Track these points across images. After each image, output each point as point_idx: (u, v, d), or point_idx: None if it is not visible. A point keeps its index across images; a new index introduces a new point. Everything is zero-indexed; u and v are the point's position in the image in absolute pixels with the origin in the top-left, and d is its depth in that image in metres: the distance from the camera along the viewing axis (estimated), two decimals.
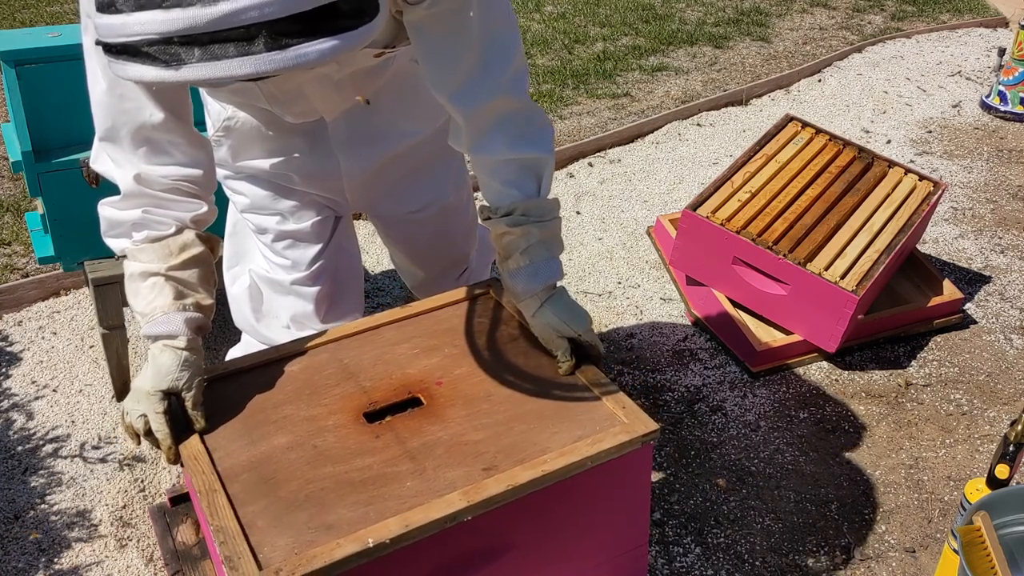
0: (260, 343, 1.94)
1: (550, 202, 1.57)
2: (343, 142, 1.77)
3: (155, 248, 1.47)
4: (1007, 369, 2.61)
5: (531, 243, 1.52)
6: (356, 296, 2.00)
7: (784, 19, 5.45)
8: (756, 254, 2.54)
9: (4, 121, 3.86)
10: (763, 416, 2.44)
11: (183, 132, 1.48)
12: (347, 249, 1.96)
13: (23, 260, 3.08)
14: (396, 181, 1.88)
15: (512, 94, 1.50)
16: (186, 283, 1.48)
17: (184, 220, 1.50)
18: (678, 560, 2.02)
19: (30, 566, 2.02)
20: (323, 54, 1.01)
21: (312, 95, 1.63)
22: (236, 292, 1.97)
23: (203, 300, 1.49)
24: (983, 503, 1.69)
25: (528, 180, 1.55)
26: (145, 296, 1.46)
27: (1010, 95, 4.14)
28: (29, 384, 2.57)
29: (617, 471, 1.38)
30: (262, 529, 1.24)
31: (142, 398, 1.41)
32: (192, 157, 1.50)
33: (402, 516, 1.24)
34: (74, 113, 2.32)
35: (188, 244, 1.49)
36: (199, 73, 0.99)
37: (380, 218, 1.99)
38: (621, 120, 4.15)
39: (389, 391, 1.48)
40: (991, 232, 3.29)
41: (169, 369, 1.41)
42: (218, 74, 0.99)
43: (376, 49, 1.51)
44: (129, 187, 1.47)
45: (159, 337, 1.44)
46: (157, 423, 1.39)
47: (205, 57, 0.98)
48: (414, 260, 2.07)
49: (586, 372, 1.50)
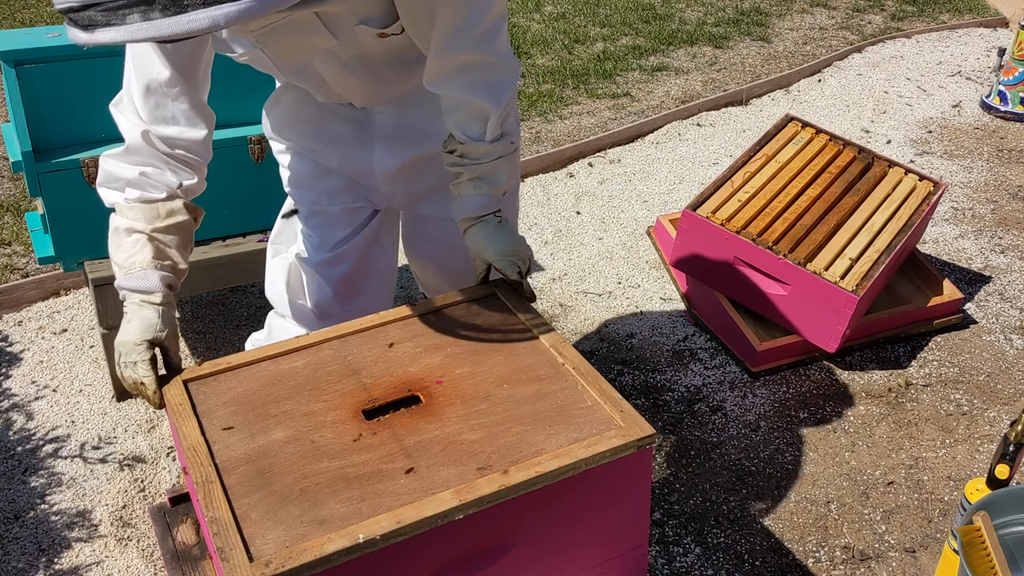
0: (283, 322, 1.99)
1: (489, 146, 1.66)
2: (387, 135, 1.83)
3: (144, 208, 1.57)
4: (1007, 369, 2.61)
5: (461, 181, 1.69)
6: (383, 292, 2.01)
7: (784, 19, 5.45)
8: (756, 254, 2.54)
9: (4, 121, 3.86)
10: (763, 416, 2.44)
11: (188, 96, 1.56)
12: (383, 243, 1.99)
13: (23, 260, 3.08)
14: (439, 184, 1.89)
15: (481, 49, 1.57)
16: (166, 244, 1.58)
17: (175, 188, 1.59)
18: (678, 560, 2.02)
19: (30, 566, 2.02)
20: (214, 20, 1.06)
21: (324, 74, 1.68)
22: (275, 264, 2.02)
23: (179, 264, 1.60)
24: (983, 503, 1.69)
25: (473, 126, 1.65)
26: (126, 250, 1.56)
27: (1010, 95, 4.14)
28: (29, 384, 2.58)
29: (614, 474, 1.38)
30: (255, 522, 1.25)
31: (130, 348, 1.51)
32: (193, 124, 1.59)
33: (394, 513, 1.24)
34: (74, 113, 2.32)
35: (175, 211, 1.59)
36: (107, 36, 1.08)
37: (420, 219, 2.00)
38: (621, 120, 4.15)
39: (389, 389, 1.48)
40: (991, 232, 3.29)
41: (152, 322, 1.53)
42: (123, 37, 1.07)
43: (375, 28, 1.53)
44: (134, 141, 1.57)
45: (135, 291, 1.54)
46: (143, 369, 1.50)
47: (113, 21, 1.07)
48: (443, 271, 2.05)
49: (585, 376, 1.50)
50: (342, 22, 1.52)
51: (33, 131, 2.27)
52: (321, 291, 1.92)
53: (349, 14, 1.50)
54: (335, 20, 1.52)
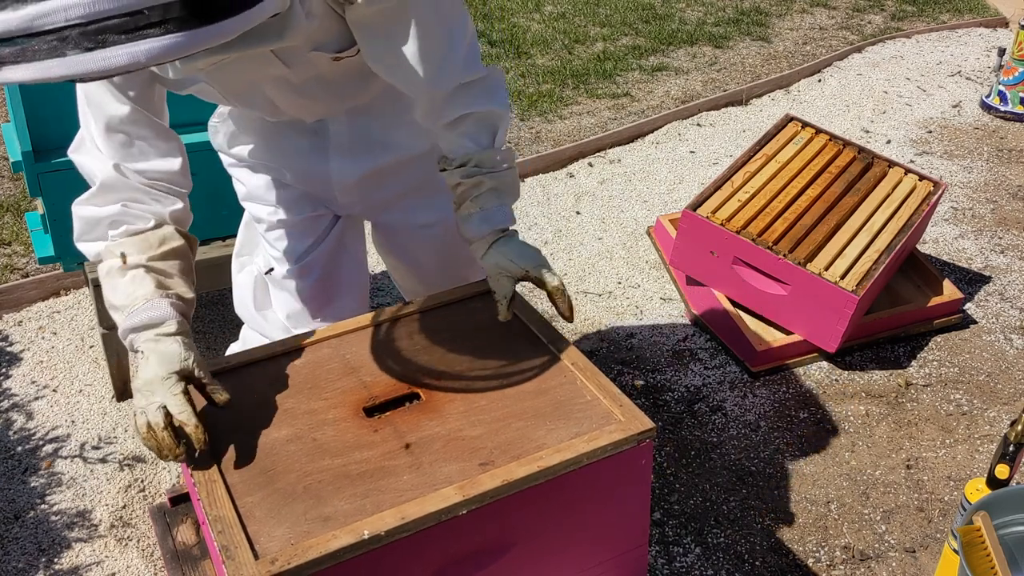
0: (258, 335, 1.93)
1: (503, 152, 1.59)
2: (343, 146, 1.77)
3: (134, 241, 1.45)
4: (1007, 369, 2.61)
5: (481, 192, 1.57)
6: (357, 296, 1.98)
7: (784, 19, 5.45)
8: (756, 254, 2.54)
9: (4, 121, 3.86)
10: (763, 416, 2.44)
11: (151, 126, 1.47)
12: (350, 248, 1.95)
13: (23, 260, 3.08)
14: (402, 193, 1.86)
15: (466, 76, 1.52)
16: (167, 274, 1.45)
17: (163, 215, 1.48)
18: (678, 560, 2.02)
19: (30, 566, 2.02)
20: (134, 57, 0.98)
21: (275, 99, 1.60)
22: (241, 280, 1.97)
23: (184, 293, 1.45)
24: (983, 503, 1.69)
25: (483, 133, 1.58)
26: (124, 289, 1.41)
27: (1010, 95, 4.14)
28: (29, 384, 2.58)
29: (615, 469, 1.38)
30: (259, 520, 1.25)
31: (156, 387, 1.33)
32: (164, 153, 1.49)
33: (398, 509, 1.24)
34: (74, 113, 2.30)
35: (168, 237, 1.47)
36: (16, 74, 0.99)
37: (385, 227, 1.96)
38: (621, 120, 4.15)
39: (389, 386, 1.49)
40: (991, 232, 3.29)
41: (175, 353, 1.36)
42: (32, 76, 0.99)
43: (329, 53, 1.47)
44: (107, 176, 1.47)
45: (146, 326, 1.38)
46: (178, 405, 1.32)
47: (21, 58, 0.98)
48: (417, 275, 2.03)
49: (584, 372, 1.51)
50: (295, 51, 1.45)
51: (33, 131, 2.27)
52: (291, 303, 1.88)
53: (303, 43, 1.42)
54: (288, 51, 1.45)
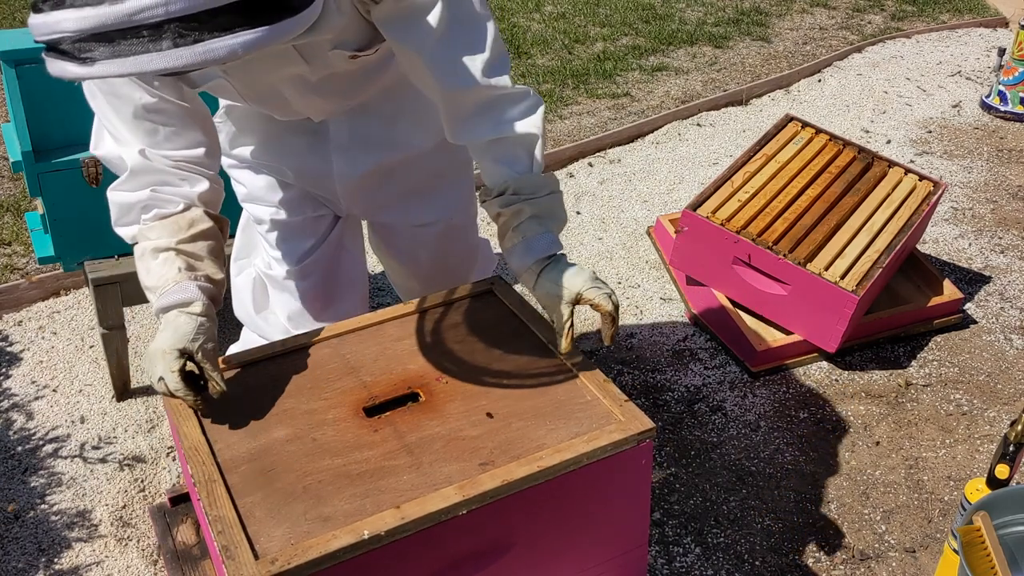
0: (258, 337, 1.93)
1: (543, 178, 1.53)
2: (343, 145, 1.77)
3: (164, 224, 1.48)
4: (1007, 369, 2.61)
5: (522, 220, 1.51)
6: (357, 297, 1.98)
7: (784, 19, 5.45)
8: (756, 254, 2.54)
9: (4, 121, 3.86)
10: (763, 416, 2.44)
11: (177, 113, 1.48)
12: (349, 249, 1.95)
13: (23, 260, 3.08)
14: (402, 193, 1.86)
15: (491, 82, 1.48)
16: (196, 256, 1.48)
17: (192, 198, 1.51)
18: (678, 560, 2.02)
19: (30, 566, 2.02)
20: (232, 49, 1.02)
21: (291, 98, 1.61)
22: (240, 283, 1.97)
23: (214, 274, 1.49)
24: (983, 503, 1.69)
25: (520, 157, 1.53)
26: (156, 271, 1.45)
27: (1010, 95, 4.14)
28: (29, 384, 2.57)
29: (615, 469, 1.38)
30: (259, 520, 1.25)
31: (157, 360, 1.39)
32: (190, 136, 1.50)
33: (398, 509, 1.24)
34: (74, 113, 2.32)
35: (196, 220, 1.50)
36: (110, 69, 1.02)
37: (383, 227, 1.97)
38: (621, 120, 4.15)
39: (389, 386, 1.49)
40: (991, 232, 3.29)
41: (187, 331, 1.40)
42: (128, 70, 1.01)
43: (348, 52, 1.48)
44: (136, 162, 1.48)
45: (172, 306, 1.43)
46: (173, 382, 1.38)
47: (115, 53, 1.01)
48: (416, 275, 2.03)
49: (584, 371, 1.51)
50: (317, 48, 1.46)
51: (33, 131, 2.27)
52: (292, 304, 1.88)
53: (326, 40, 1.44)
54: (310, 47, 1.46)
